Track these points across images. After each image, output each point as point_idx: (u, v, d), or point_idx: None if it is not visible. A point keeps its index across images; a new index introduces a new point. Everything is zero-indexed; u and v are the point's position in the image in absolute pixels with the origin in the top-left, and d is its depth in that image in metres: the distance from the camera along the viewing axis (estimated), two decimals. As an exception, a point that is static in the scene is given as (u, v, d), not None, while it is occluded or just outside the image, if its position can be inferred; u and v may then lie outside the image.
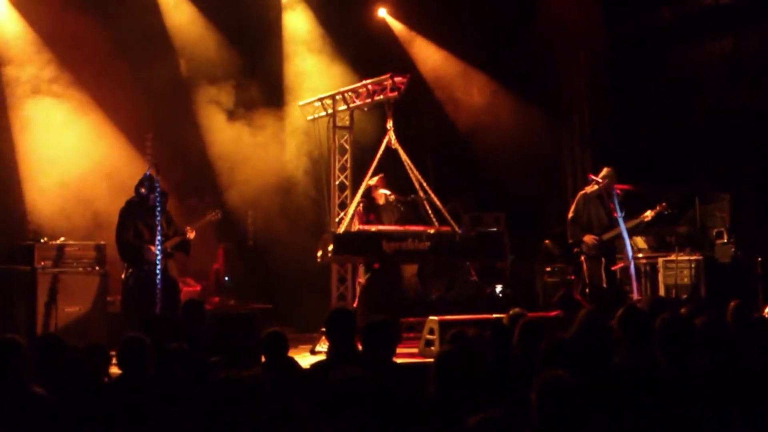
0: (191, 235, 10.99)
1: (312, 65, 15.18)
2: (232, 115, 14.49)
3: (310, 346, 11.10)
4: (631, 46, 15.28)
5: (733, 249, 12.55)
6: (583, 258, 11.53)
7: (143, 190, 10.71)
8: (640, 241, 13.08)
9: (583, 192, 11.87)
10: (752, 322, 6.73)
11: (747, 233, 12.81)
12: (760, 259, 12.01)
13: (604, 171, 11.72)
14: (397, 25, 16.17)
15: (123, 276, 10.83)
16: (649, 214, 11.58)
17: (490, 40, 15.49)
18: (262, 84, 14.89)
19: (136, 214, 10.74)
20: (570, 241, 11.76)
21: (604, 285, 11.40)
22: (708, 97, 14.38)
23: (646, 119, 14.54)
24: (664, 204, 11.52)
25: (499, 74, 15.81)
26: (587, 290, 11.48)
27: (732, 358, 5.24)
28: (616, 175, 11.69)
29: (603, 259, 11.49)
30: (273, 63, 15.23)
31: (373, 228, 11.30)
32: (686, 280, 12.32)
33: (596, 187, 11.63)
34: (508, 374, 5.72)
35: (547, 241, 14.67)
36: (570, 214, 11.82)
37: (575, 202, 11.85)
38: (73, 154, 12.99)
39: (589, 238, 11.51)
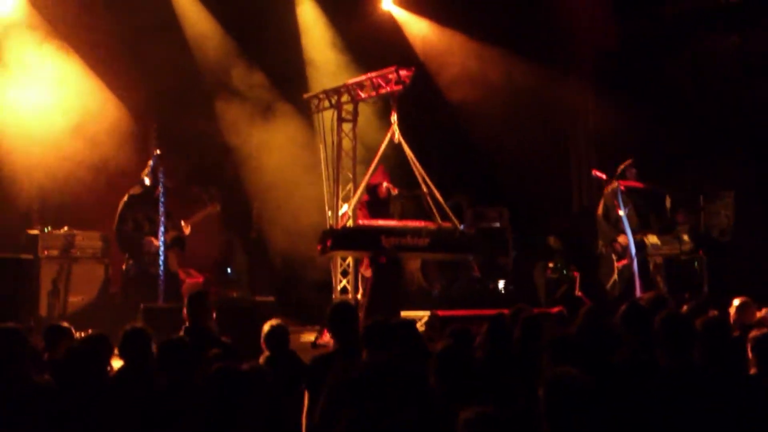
0: (187, 230, 11.01)
1: (318, 57, 15.16)
2: (238, 107, 14.47)
3: (311, 339, 11.12)
4: (638, 42, 15.23)
5: (736, 247, 12.54)
6: (614, 257, 11.35)
7: (148, 181, 10.73)
8: (653, 238, 13.02)
9: (607, 189, 11.74)
10: (755, 319, 6.73)
11: (751, 231, 12.78)
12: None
13: (625, 164, 11.64)
14: (402, 15, 16.09)
15: (123, 267, 10.85)
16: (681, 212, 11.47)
17: (495, 40, 15.46)
18: (268, 76, 14.86)
19: (137, 206, 10.78)
20: (601, 241, 11.58)
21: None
22: (715, 94, 14.34)
23: (652, 116, 14.50)
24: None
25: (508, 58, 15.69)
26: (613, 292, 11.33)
27: (733, 357, 5.25)
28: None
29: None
30: (278, 54, 15.21)
31: (373, 223, 11.30)
32: (690, 278, 12.30)
33: (615, 183, 11.51)
34: (507, 369, 5.73)
35: (550, 237, 14.65)
36: (599, 211, 11.68)
37: (602, 199, 11.73)
38: (71, 135, 12.93)
39: (624, 239, 11.36)
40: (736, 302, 7.05)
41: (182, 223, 11.08)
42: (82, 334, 6.23)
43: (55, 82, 12.91)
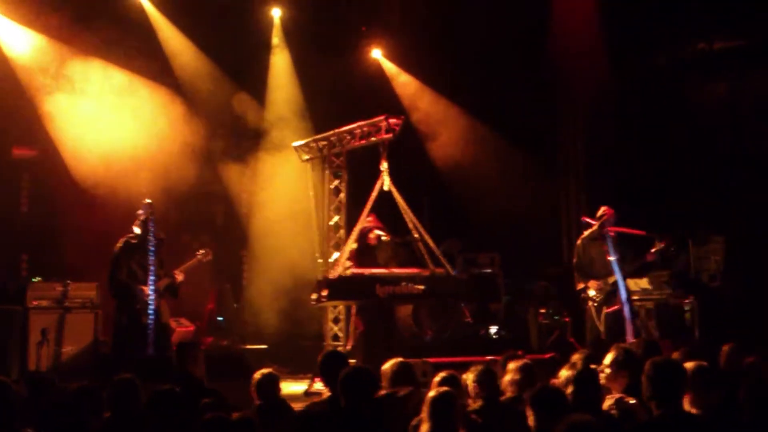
0: (179, 278, 11.00)
1: (306, 105, 15.27)
2: (228, 156, 14.54)
3: (304, 388, 11.06)
4: (629, 88, 15.36)
5: (726, 292, 12.56)
6: (590, 304, 11.43)
7: (138, 230, 10.72)
8: (632, 283, 13.02)
9: (581, 236, 11.86)
10: (745, 366, 6.72)
11: (741, 276, 12.81)
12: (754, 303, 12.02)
13: (601, 210, 11.70)
14: (390, 67, 16.28)
15: (115, 316, 10.81)
16: (650, 257, 11.53)
17: (488, 82, 15.58)
18: (257, 124, 14.95)
19: (132, 253, 10.75)
20: (577, 288, 11.65)
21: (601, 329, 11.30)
22: (704, 139, 14.45)
23: (642, 162, 14.60)
24: (664, 243, 11.47)
25: (496, 118, 15.81)
26: (588, 337, 11.40)
27: (724, 403, 5.23)
28: (616, 214, 11.66)
29: (606, 305, 11.27)
30: (268, 102, 15.31)
31: (367, 271, 11.31)
32: (680, 323, 12.30)
33: (593, 229, 11.60)
34: (498, 417, 5.71)
35: (542, 283, 14.64)
36: (574, 260, 11.79)
37: (575, 248, 11.83)
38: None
39: (592, 284, 11.43)
40: (724, 348, 7.04)
41: (175, 271, 11.07)
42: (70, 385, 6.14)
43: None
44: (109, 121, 13.36)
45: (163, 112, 13.78)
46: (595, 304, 11.33)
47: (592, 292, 11.34)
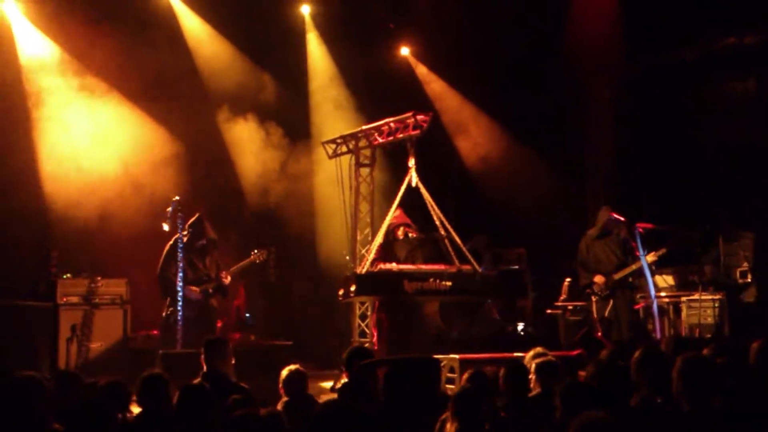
0: (227, 280, 11.14)
1: (336, 102, 15.29)
2: (257, 152, 14.57)
3: (330, 383, 11.08)
4: (655, 84, 15.27)
5: (756, 288, 12.47)
6: (594, 299, 11.64)
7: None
8: (660, 280, 13.01)
9: (585, 234, 12.12)
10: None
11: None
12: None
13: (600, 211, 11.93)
14: (419, 66, 16.28)
15: (164, 313, 10.92)
16: (650, 258, 11.67)
17: (512, 78, 15.55)
18: (287, 120, 14.98)
19: (183, 251, 10.86)
20: (581, 283, 11.88)
21: (612, 323, 11.45)
22: (732, 135, 14.33)
23: (670, 157, 14.49)
24: (664, 249, 11.58)
25: (522, 117, 15.77)
26: (596, 331, 11.57)
27: (754, 400, 5.19)
28: (611, 212, 11.97)
29: (612, 299, 11.60)
30: (298, 99, 15.34)
31: (395, 267, 11.32)
32: (709, 320, 12.22)
33: (596, 228, 11.93)
34: (526, 413, 5.70)
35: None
36: (578, 257, 12.07)
37: (580, 245, 12.07)
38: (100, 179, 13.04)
39: (599, 278, 11.65)
40: (754, 345, 6.97)
41: (223, 273, 11.21)
42: (99, 381, 6.19)
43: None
44: (130, 118, 13.43)
45: (189, 108, 13.85)
46: (598, 300, 11.65)
47: (596, 287, 11.61)
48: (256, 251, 11.87)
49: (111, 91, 13.29)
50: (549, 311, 13.78)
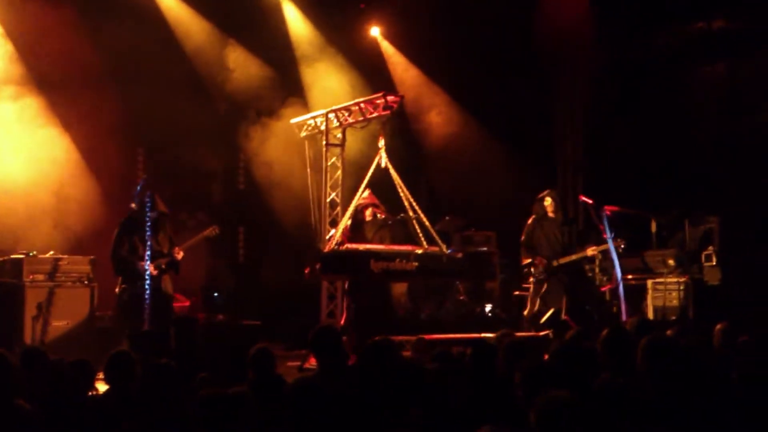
0: (179, 255, 11.06)
1: (306, 82, 15.26)
2: (224, 131, 14.51)
3: (298, 363, 11.09)
4: (625, 69, 15.35)
5: (721, 271, 12.60)
6: (531, 279, 11.81)
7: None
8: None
9: (533, 216, 12.23)
10: (738, 345, 6.74)
11: (735, 256, 12.84)
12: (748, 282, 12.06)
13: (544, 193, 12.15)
14: (387, 47, 16.26)
15: (117, 290, 10.86)
16: (591, 251, 11.84)
17: (481, 64, 15.58)
18: (254, 98, 14.92)
19: (133, 229, 10.82)
20: (523, 263, 12.05)
21: (543, 308, 11.74)
22: (700, 120, 14.46)
23: (638, 142, 14.60)
24: (620, 241, 11.72)
25: (492, 101, 15.80)
26: (525, 312, 11.78)
27: (716, 381, 5.26)
28: (557, 196, 12.28)
29: (547, 283, 11.84)
30: (270, 76, 15.27)
31: (362, 247, 11.33)
32: (675, 302, 12.35)
33: (543, 210, 12.10)
34: (492, 394, 5.73)
35: (537, 261, 14.67)
36: (522, 238, 12.21)
37: (526, 226, 12.25)
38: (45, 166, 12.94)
39: (539, 261, 11.88)
40: (718, 327, 7.07)
41: (176, 249, 11.14)
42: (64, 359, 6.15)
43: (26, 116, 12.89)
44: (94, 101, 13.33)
45: (161, 85, 13.74)
46: (535, 281, 11.88)
47: (534, 269, 11.87)
48: (209, 228, 11.82)
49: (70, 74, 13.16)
50: (517, 293, 13.87)
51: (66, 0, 13.03)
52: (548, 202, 12.14)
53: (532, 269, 11.99)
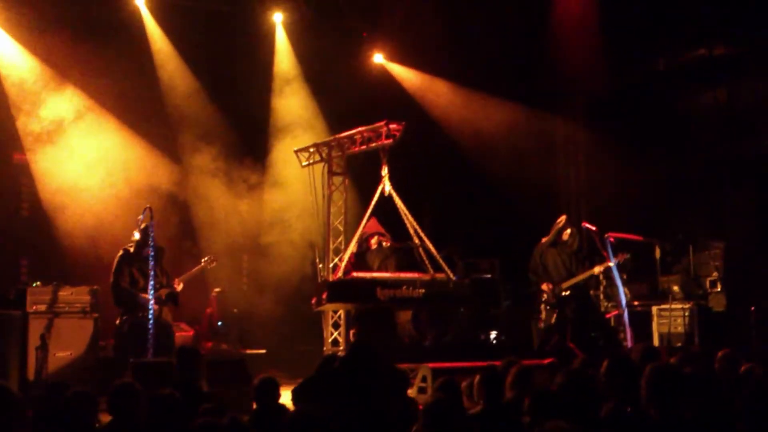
0: (178, 287, 11.09)
1: (307, 111, 15.31)
2: (226, 161, 14.53)
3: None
4: (628, 93, 15.39)
5: (726, 298, 12.58)
6: (542, 307, 11.81)
7: (138, 236, 10.78)
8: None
9: (539, 242, 12.31)
10: (741, 371, 6.72)
11: (740, 282, 12.82)
12: (753, 308, 12.02)
13: (559, 218, 12.27)
14: (398, 70, 16.32)
15: (117, 322, 10.84)
16: (597, 269, 11.82)
17: (487, 86, 15.65)
18: (255, 128, 14.98)
19: (132, 260, 10.85)
20: (529, 291, 12.05)
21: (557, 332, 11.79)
22: (703, 145, 14.48)
23: (642, 167, 14.60)
24: (622, 257, 11.72)
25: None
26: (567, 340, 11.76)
27: (720, 408, 5.24)
28: (570, 223, 12.28)
29: (559, 309, 11.92)
30: (267, 109, 15.34)
31: (368, 275, 11.33)
32: (680, 329, 12.32)
33: (550, 236, 12.17)
34: (499, 422, 5.71)
35: (543, 286, 14.64)
36: (529, 263, 12.37)
37: (534, 251, 12.33)
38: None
39: (545, 287, 11.99)
40: (720, 354, 7.05)
41: (175, 280, 11.16)
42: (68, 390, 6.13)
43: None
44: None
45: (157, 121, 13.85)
46: (547, 307, 11.94)
47: (544, 296, 11.97)
48: (206, 258, 11.85)
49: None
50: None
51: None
52: (568, 231, 12.14)
53: (542, 296, 11.97)
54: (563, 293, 11.91)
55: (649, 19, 14.32)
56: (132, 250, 10.83)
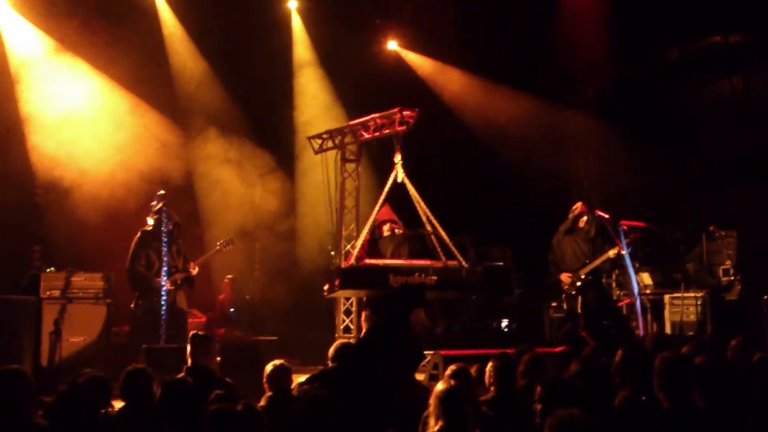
0: (194, 271, 11.12)
1: (321, 98, 15.32)
2: (239, 147, 14.55)
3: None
4: (640, 83, 15.32)
5: (739, 286, 12.54)
6: (563, 296, 11.76)
7: (152, 221, 10.82)
8: (645, 278, 13.09)
9: (557, 231, 12.28)
10: (754, 360, 6.70)
11: (753, 271, 12.77)
12: (766, 297, 11.97)
13: (575, 205, 12.19)
14: (411, 57, 16.31)
15: (132, 306, 10.89)
16: (612, 252, 11.74)
17: (498, 75, 15.63)
18: (269, 114, 14.99)
19: (149, 243, 10.89)
20: (549, 280, 12.04)
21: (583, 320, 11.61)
22: (716, 134, 14.40)
23: (654, 156, 14.55)
24: (631, 237, 11.69)
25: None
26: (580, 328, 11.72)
27: (732, 397, 5.22)
28: (587, 209, 12.16)
29: (581, 296, 11.82)
30: (282, 95, 15.34)
31: (380, 262, 11.33)
32: (692, 317, 12.30)
33: (566, 223, 12.09)
34: (512, 408, 5.72)
35: (562, 276, 14.63)
36: (549, 255, 12.28)
37: (552, 242, 12.27)
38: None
39: (564, 277, 11.88)
40: (733, 343, 7.03)
41: (191, 263, 11.19)
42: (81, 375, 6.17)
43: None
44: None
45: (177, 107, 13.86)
46: (573, 292, 11.91)
47: (564, 285, 11.89)
48: (221, 241, 11.89)
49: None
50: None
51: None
52: (585, 218, 12.09)
53: (562, 285, 11.96)
54: (583, 279, 11.81)
55: (662, 6, 14.24)
56: (149, 231, 10.88)
